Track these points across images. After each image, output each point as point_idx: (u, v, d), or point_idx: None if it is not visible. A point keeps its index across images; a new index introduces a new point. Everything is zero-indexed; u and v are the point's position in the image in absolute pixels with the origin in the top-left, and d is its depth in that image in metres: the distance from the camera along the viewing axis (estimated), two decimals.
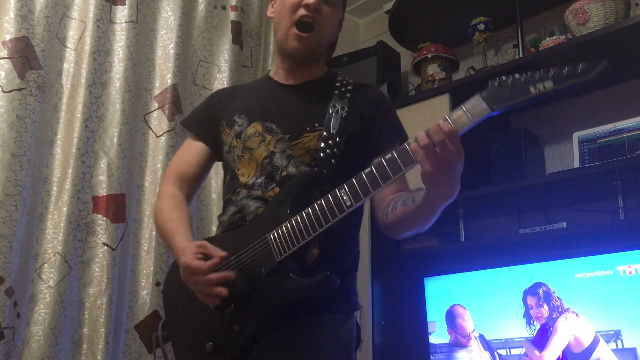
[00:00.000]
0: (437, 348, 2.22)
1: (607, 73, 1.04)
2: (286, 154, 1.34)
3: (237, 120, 1.43)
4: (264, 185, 1.33)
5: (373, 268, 2.42)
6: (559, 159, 2.40)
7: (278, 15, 1.42)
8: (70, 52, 2.17)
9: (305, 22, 1.36)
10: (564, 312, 1.87)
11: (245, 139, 1.39)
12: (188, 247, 1.26)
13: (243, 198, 1.35)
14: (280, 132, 1.36)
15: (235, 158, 1.40)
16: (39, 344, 1.92)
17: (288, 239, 1.20)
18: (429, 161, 1.10)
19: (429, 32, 2.72)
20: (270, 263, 1.21)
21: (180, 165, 1.51)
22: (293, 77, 1.46)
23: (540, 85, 1.13)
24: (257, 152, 1.36)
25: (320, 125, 1.35)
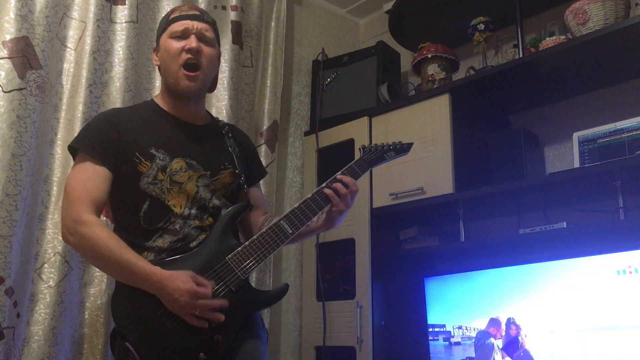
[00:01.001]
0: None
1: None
2: (209, 188, 1.61)
3: (156, 154, 1.56)
4: (199, 215, 1.57)
5: (373, 268, 2.42)
6: (559, 159, 2.40)
7: (164, 62, 1.63)
8: (71, 52, 2.17)
9: (191, 63, 1.60)
10: None
11: (172, 174, 1.56)
12: (178, 275, 1.40)
13: (182, 227, 1.54)
14: (202, 169, 1.60)
15: (165, 190, 1.55)
16: (39, 344, 1.92)
17: (247, 259, 1.51)
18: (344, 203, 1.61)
19: (429, 32, 2.72)
20: (237, 281, 1.49)
21: (93, 192, 1.50)
22: (191, 116, 1.68)
23: (389, 154, 1.78)
24: (188, 186, 1.57)
25: (229, 164, 1.66)
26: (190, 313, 1.40)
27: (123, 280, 1.46)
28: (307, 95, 3.02)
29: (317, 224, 1.69)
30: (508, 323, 2.02)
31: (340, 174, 1.64)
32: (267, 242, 1.54)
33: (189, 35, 1.60)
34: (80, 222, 1.46)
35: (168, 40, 1.61)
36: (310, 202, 1.59)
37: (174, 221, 1.54)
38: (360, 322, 2.37)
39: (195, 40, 1.60)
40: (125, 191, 1.56)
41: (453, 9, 2.59)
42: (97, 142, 1.55)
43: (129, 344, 1.40)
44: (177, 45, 1.59)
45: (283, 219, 1.56)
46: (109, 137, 1.55)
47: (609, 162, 1.92)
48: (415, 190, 2.33)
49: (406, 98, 2.59)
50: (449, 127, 2.30)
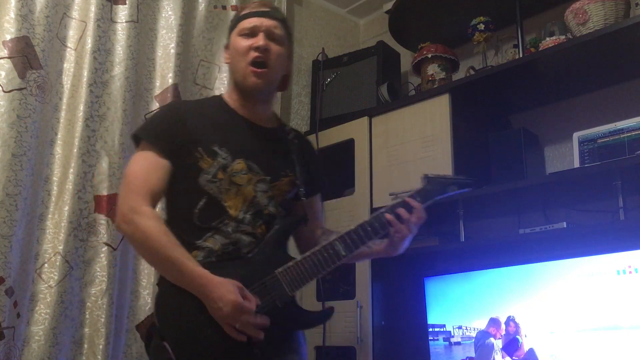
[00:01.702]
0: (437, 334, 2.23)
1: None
2: (267, 194, 1.55)
3: (219, 152, 1.52)
4: (253, 221, 1.52)
5: (373, 268, 2.42)
6: (559, 159, 2.41)
7: (233, 60, 1.59)
8: (71, 51, 2.17)
9: (259, 62, 1.55)
10: None
11: (232, 174, 1.51)
12: (226, 283, 1.37)
13: (234, 231, 1.49)
14: (262, 174, 1.55)
15: (223, 190, 1.50)
16: (39, 344, 1.92)
17: (297, 277, 1.47)
18: (407, 229, 1.54)
19: (429, 32, 2.72)
20: (284, 297, 1.45)
21: (153, 182, 1.48)
22: (259, 117, 1.63)
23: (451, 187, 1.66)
24: (246, 189, 1.52)
25: (290, 172, 1.61)
26: (231, 324, 1.36)
27: (170, 278, 1.42)
28: (307, 95, 3.02)
29: (378, 247, 1.62)
30: (507, 321, 2.02)
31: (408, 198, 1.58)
32: (320, 261, 1.49)
33: (258, 33, 1.56)
34: (137, 212, 1.42)
35: (237, 38, 1.58)
36: (367, 225, 1.54)
37: (227, 223, 1.49)
38: (360, 322, 2.37)
39: (264, 38, 1.56)
40: (183, 185, 1.51)
41: (453, 9, 2.59)
42: (161, 132, 1.52)
43: (167, 344, 1.38)
44: (245, 43, 1.56)
45: (338, 240, 1.51)
46: (174, 129, 1.52)
47: (609, 162, 1.92)
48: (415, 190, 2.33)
49: (406, 98, 2.59)
50: (449, 127, 2.30)
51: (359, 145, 2.60)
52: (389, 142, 2.50)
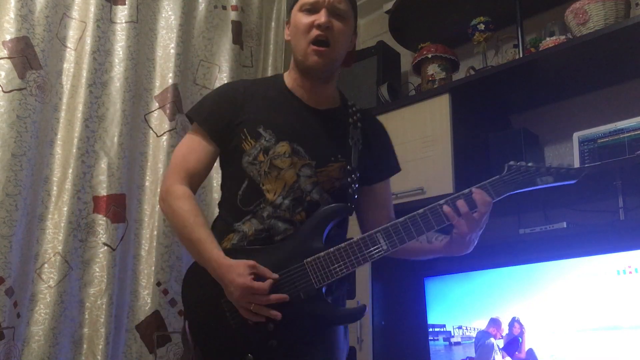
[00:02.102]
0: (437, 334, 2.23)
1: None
2: (312, 180, 1.45)
3: (263, 134, 1.47)
4: (292, 208, 1.43)
5: (373, 268, 2.42)
6: (559, 159, 2.40)
7: (294, 37, 1.52)
8: (71, 52, 2.17)
9: (321, 40, 1.46)
10: None
11: (274, 157, 1.45)
12: (237, 265, 1.32)
13: (270, 217, 1.42)
14: (308, 158, 1.46)
15: (262, 173, 1.45)
16: (39, 344, 1.92)
17: (326, 269, 1.35)
18: (467, 225, 1.37)
19: (429, 32, 2.72)
20: (309, 289, 1.35)
21: (191, 163, 1.48)
22: (315, 98, 1.54)
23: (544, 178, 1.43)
24: (287, 173, 1.44)
25: (342, 157, 1.49)
26: (245, 307, 1.31)
27: (193, 257, 1.42)
28: None
29: (438, 244, 1.49)
30: (512, 322, 2.02)
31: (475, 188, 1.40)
32: (355, 254, 1.37)
33: (320, 8, 1.47)
34: (170, 191, 1.44)
35: (297, 14, 1.50)
36: (419, 217, 1.39)
37: (264, 207, 1.43)
38: (360, 322, 2.37)
39: (326, 15, 1.46)
40: (230, 167, 1.51)
41: (453, 9, 2.58)
42: (210, 115, 1.51)
43: (186, 324, 1.39)
44: (307, 20, 1.47)
45: (381, 231, 1.38)
46: (222, 111, 1.50)
47: (609, 162, 1.92)
48: (415, 190, 2.33)
49: (406, 98, 2.59)
50: (449, 127, 2.29)
51: None
52: None
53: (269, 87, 1.57)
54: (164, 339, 2.19)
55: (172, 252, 2.25)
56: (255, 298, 1.30)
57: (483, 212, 1.38)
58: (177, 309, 2.23)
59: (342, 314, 1.41)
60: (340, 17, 1.49)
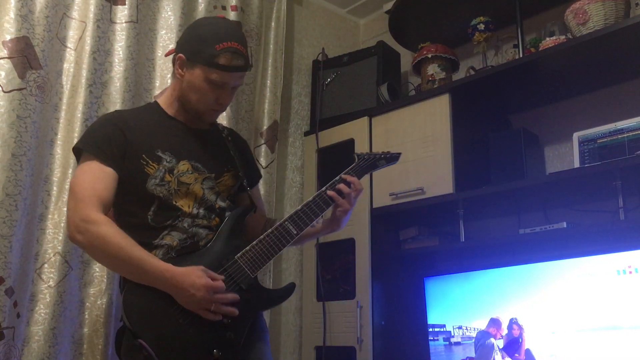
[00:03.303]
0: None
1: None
2: (214, 190, 1.63)
3: (163, 157, 1.57)
4: (207, 215, 1.59)
5: (373, 268, 2.42)
6: (559, 159, 2.40)
7: (190, 94, 1.60)
8: (71, 52, 2.17)
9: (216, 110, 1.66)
10: None
11: (179, 175, 1.58)
12: (192, 271, 1.43)
13: (190, 226, 1.56)
14: (207, 172, 1.63)
15: (172, 191, 1.56)
16: (39, 344, 1.92)
17: (256, 259, 1.55)
18: (349, 202, 1.67)
19: (429, 32, 2.72)
20: (247, 279, 1.53)
21: (100, 191, 1.49)
22: (193, 123, 1.68)
23: (381, 162, 1.81)
24: (195, 187, 1.59)
25: (232, 167, 1.70)
26: (206, 308, 1.42)
27: (134, 278, 1.45)
28: (307, 95, 3.02)
29: (321, 225, 1.74)
30: (510, 323, 2.02)
31: (344, 174, 1.70)
32: (274, 242, 1.58)
33: (224, 88, 1.59)
34: (90, 221, 1.44)
35: (203, 83, 1.56)
36: (312, 204, 1.65)
37: (182, 219, 1.56)
38: (360, 322, 2.37)
39: (230, 95, 1.62)
40: (132, 193, 1.55)
41: (453, 9, 2.59)
42: (102, 142, 1.54)
43: (142, 341, 1.39)
44: (212, 94, 1.58)
45: (287, 220, 1.61)
46: (114, 139, 1.54)
47: (609, 162, 1.92)
48: (416, 190, 2.34)
49: (406, 98, 2.59)
50: (449, 127, 2.30)
51: (359, 146, 2.60)
52: (389, 142, 2.50)
53: (149, 114, 1.67)
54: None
55: None
56: (217, 297, 1.43)
57: (358, 189, 1.68)
58: None
59: (277, 294, 1.65)
60: (237, 88, 1.65)
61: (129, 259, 1.43)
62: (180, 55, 1.60)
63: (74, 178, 1.55)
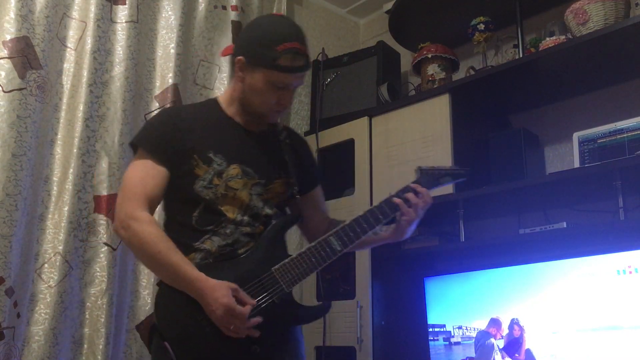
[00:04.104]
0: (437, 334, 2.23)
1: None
2: (262, 197, 1.57)
3: (214, 159, 1.53)
4: (251, 222, 1.54)
5: (373, 268, 2.42)
6: (559, 159, 2.40)
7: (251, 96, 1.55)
8: (71, 52, 2.17)
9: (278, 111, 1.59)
10: None
11: (228, 179, 1.53)
12: (220, 286, 1.39)
13: (233, 232, 1.51)
14: (257, 177, 1.57)
15: (219, 195, 1.52)
16: (39, 344, 1.92)
17: (292, 273, 1.49)
18: (415, 212, 1.58)
19: (429, 32, 2.72)
20: (281, 293, 1.48)
21: (149, 189, 1.49)
22: (252, 125, 1.63)
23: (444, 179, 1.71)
24: (242, 193, 1.54)
25: (284, 173, 1.63)
26: (225, 326, 1.39)
27: (167, 281, 1.45)
28: (307, 95, 3.02)
29: (385, 233, 1.65)
30: (512, 324, 2.02)
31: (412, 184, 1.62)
32: (315, 257, 1.51)
33: (286, 89, 1.53)
34: (134, 217, 1.45)
35: (264, 85, 1.51)
36: (368, 215, 1.57)
37: (226, 225, 1.51)
38: (360, 322, 2.37)
39: (291, 97, 1.57)
40: (180, 192, 1.54)
41: (453, 9, 2.58)
42: (157, 140, 1.53)
43: (167, 344, 1.40)
44: (273, 96, 1.53)
45: (333, 235, 1.54)
46: (169, 137, 1.53)
47: (609, 162, 1.92)
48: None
49: (406, 98, 2.59)
50: (449, 127, 2.30)
51: (359, 146, 2.60)
52: (389, 142, 2.50)
53: (208, 112, 1.63)
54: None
55: None
56: (236, 321, 1.38)
57: (427, 202, 1.61)
58: None
59: (313, 311, 1.61)
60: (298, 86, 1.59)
61: (164, 262, 1.42)
62: (239, 58, 1.53)
63: (126, 173, 1.55)
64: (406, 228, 1.60)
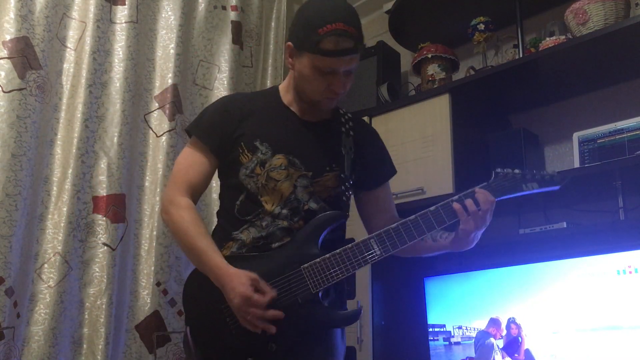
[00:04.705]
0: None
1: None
2: (308, 190, 1.50)
3: (259, 147, 1.50)
4: (290, 216, 1.47)
5: (373, 268, 2.42)
6: (559, 159, 2.40)
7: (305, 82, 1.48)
8: (70, 52, 2.17)
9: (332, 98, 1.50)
10: None
11: (270, 169, 1.49)
12: (239, 275, 1.36)
13: (269, 225, 1.47)
14: (304, 169, 1.50)
15: (260, 185, 1.49)
16: (39, 344, 1.92)
17: (322, 274, 1.41)
18: (474, 222, 1.41)
19: (429, 32, 2.72)
20: (306, 294, 1.40)
21: (193, 176, 1.52)
22: (309, 113, 1.57)
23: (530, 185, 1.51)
24: (284, 185, 1.48)
25: (336, 166, 1.53)
26: (242, 316, 1.36)
27: (195, 265, 1.47)
28: None
29: (444, 241, 1.50)
30: (509, 323, 2.02)
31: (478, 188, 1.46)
32: (350, 259, 1.42)
33: (336, 73, 1.44)
34: (173, 202, 1.48)
35: (311, 71, 1.44)
36: (419, 219, 1.43)
37: (263, 217, 1.48)
38: (360, 322, 2.37)
39: (342, 83, 1.45)
40: (228, 179, 1.55)
41: (453, 9, 2.58)
42: (209, 127, 1.54)
43: (188, 329, 1.43)
44: (322, 82, 1.45)
45: (374, 237, 1.44)
46: (221, 124, 1.53)
47: (609, 162, 1.92)
48: (415, 190, 2.33)
49: (406, 98, 2.59)
50: (449, 127, 2.29)
51: None
52: (389, 142, 2.47)
53: (266, 101, 1.59)
54: (164, 339, 2.19)
55: (171, 252, 2.25)
56: (253, 310, 1.33)
57: (486, 210, 1.42)
58: (176, 309, 2.24)
59: (338, 317, 1.47)
60: (352, 71, 1.47)
61: (193, 247, 1.44)
62: (288, 44, 1.48)
63: (177, 158, 1.59)
64: (466, 238, 1.44)
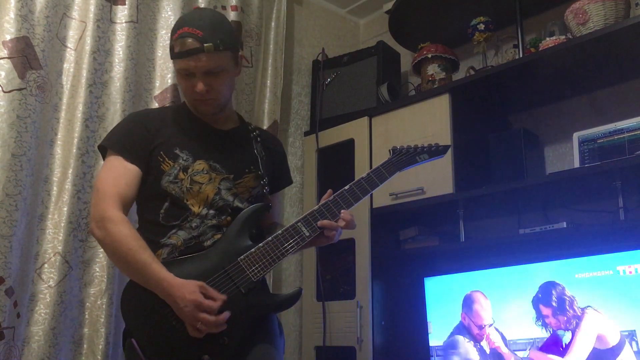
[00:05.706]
0: (434, 351, 2.22)
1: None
2: (232, 191, 1.60)
3: (180, 155, 1.58)
4: (217, 215, 1.56)
5: (373, 268, 2.42)
6: (559, 159, 2.40)
7: (179, 83, 1.62)
8: (71, 52, 2.17)
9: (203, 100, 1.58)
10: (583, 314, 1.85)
11: (193, 174, 1.57)
12: (187, 285, 1.40)
13: (199, 226, 1.54)
14: (225, 172, 1.60)
15: (184, 190, 1.55)
16: (39, 344, 1.92)
17: (260, 262, 1.49)
18: (347, 226, 1.58)
19: (429, 32, 2.72)
20: (248, 283, 1.48)
21: (121, 188, 1.52)
22: (218, 122, 1.67)
23: (422, 156, 1.71)
24: (208, 187, 1.57)
25: (254, 167, 1.66)
26: (191, 324, 1.39)
27: (137, 281, 1.46)
28: (307, 95, 3.02)
29: (317, 239, 1.61)
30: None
31: (355, 183, 1.66)
32: (282, 244, 1.52)
33: (194, 74, 1.53)
34: (106, 217, 1.47)
35: (177, 75, 1.58)
36: (330, 204, 1.58)
37: (192, 219, 1.54)
38: (360, 322, 2.37)
39: (202, 83, 1.53)
40: (148, 189, 1.57)
41: (453, 9, 2.59)
42: (127, 140, 1.57)
43: (134, 341, 1.41)
44: (187, 83, 1.56)
45: (300, 221, 1.55)
46: (138, 136, 1.57)
47: (609, 162, 1.92)
48: (415, 190, 2.34)
49: (406, 98, 2.59)
50: (449, 127, 2.30)
51: (359, 145, 2.60)
52: (389, 142, 2.49)
53: (175, 112, 1.68)
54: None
55: None
56: (204, 316, 1.38)
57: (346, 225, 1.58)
58: None
59: (281, 299, 1.58)
60: (216, 72, 1.54)
61: (133, 261, 1.44)
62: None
63: (98, 175, 1.60)
64: (330, 238, 1.59)
